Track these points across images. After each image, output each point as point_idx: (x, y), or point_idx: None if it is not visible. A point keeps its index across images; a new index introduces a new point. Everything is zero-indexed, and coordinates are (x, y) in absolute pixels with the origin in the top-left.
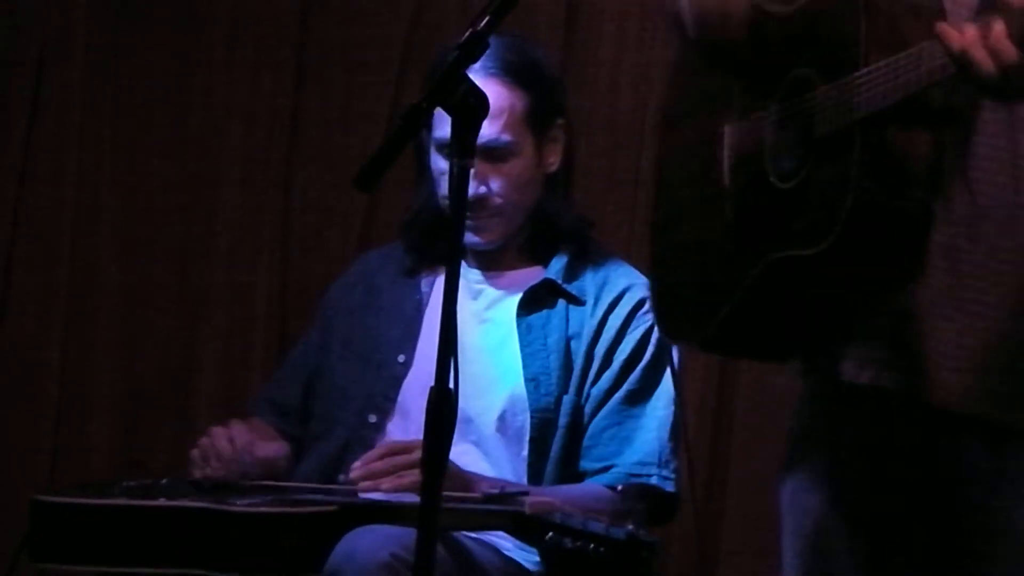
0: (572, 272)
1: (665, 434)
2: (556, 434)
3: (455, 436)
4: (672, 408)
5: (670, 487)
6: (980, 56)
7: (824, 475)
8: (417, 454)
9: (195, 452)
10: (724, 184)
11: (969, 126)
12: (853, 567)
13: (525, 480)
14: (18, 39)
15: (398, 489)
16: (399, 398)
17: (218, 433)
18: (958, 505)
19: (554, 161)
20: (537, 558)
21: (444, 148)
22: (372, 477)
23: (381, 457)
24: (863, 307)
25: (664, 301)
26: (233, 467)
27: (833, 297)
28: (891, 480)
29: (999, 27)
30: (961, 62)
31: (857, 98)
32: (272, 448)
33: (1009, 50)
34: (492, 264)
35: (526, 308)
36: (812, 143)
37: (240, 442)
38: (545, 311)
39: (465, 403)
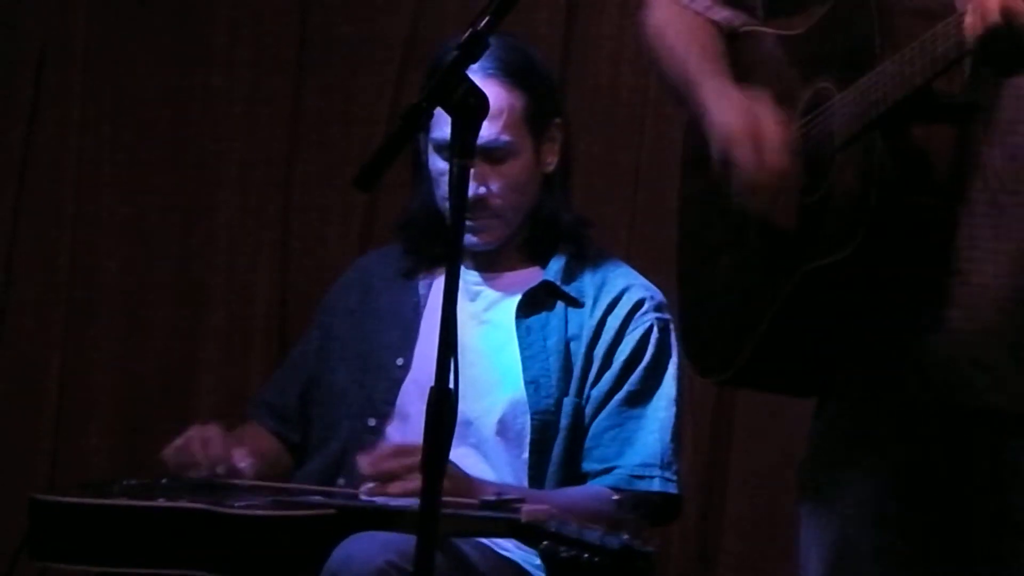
0: (570, 273)
1: (667, 435)
2: (557, 436)
3: (455, 439)
4: (674, 409)
5: (672, 488)
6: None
7: (850, 487)
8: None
9: (169, 452)
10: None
11: (989, 120)
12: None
13: (526, 483)
14: (18, 39)
15: (406, 493)
16: (398, 401)
17: (193, 439)
18: (994, 507)
19: (552, 161)
20: (538, 560)
21: (443, 149)
22: (382, 477)
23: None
24: (892, 313)
25: (694, 341)
26: (203, 473)
27: (863, 305)
28: (925, 487)
29: None
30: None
31: (872, 97)
32: (245, 460)
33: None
34: (490, 265)
35: (525, 310)
36: (833, 152)
37: (214, 452)
38: (544, 313)
39: (465, 406)
